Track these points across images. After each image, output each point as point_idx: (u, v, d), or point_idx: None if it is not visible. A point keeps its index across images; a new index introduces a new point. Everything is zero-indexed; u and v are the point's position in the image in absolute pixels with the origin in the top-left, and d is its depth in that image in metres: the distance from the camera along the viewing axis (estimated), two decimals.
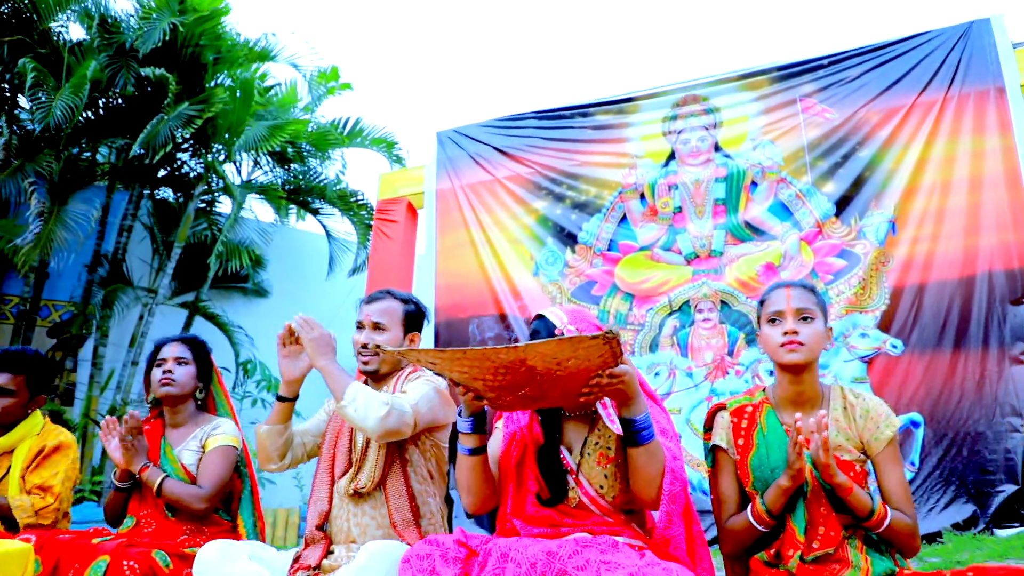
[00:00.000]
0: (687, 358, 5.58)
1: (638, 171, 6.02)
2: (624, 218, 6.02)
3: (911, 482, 4.87)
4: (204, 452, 2.75)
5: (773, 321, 2.02)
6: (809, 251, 5.49)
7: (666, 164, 5.97)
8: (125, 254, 7.35)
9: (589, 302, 5.91)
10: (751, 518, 1.95)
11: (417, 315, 2.71)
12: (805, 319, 1.97)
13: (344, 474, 2.39)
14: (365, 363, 2.53)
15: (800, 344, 1.95)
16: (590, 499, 2.01)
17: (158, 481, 2.57)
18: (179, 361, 2.85)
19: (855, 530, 1.92)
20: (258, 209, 8.78)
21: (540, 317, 2.12)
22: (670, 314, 5.70)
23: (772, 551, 1.96)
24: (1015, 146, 5.17)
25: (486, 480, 2.04)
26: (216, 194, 8.35)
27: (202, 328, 7.89)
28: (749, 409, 2.11)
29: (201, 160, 7.09)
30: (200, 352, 2.94)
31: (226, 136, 6.49)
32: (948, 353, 5.05)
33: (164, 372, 2.81)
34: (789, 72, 5.82)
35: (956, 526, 4.69)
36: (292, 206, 8.90)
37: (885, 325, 5.20)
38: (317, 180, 8.15)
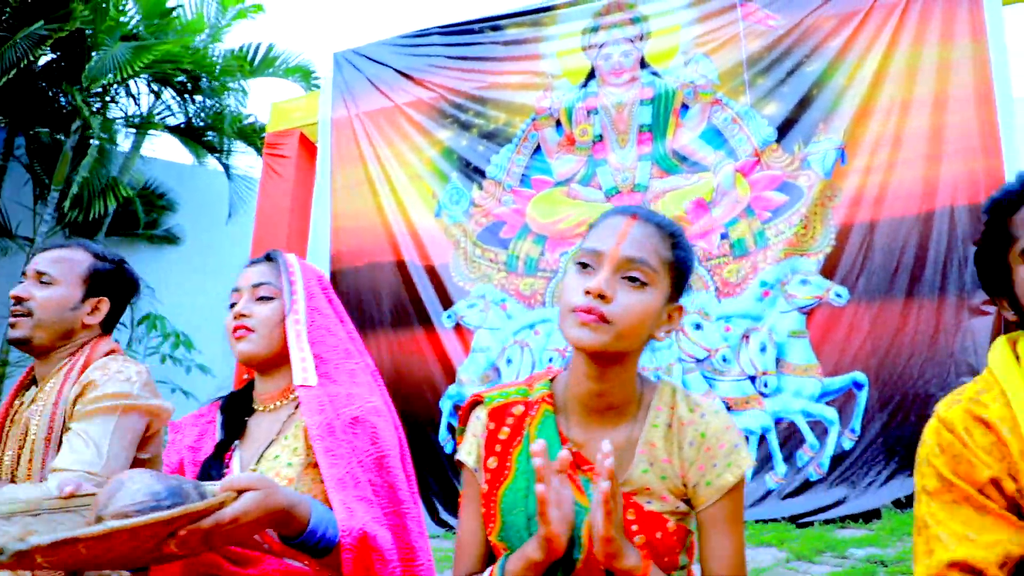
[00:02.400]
0: None
1: (553, 93, 5.18)
2: (538, 148, 5.20)
3: (849, 453, 4.21)
4: None
5: (584, 266, 1.14)
6: (745, 184, 4.70)
7: (585, 84, 5.12)
8: None
9: (496, 245, 5.14)
10: None
11: (112, 276, 1.97)
12: (632, 279, 1.12)
13: None
14: (12, 325, 1.81)
15: (603, 321, 1.09)
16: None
17: None
18: None
19: None
20: (170, 150, 7.92)
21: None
22: None
23: None
24: (988, 55, 4.33)
25: None
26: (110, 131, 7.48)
27: None
28: (519, 410, 1.32)
29: (73, 91, 6.18)
30: None
31: (81, 60, 5.60)
32: (899, 303, 4.33)
33: None
34: None
35: (897, 503, 4.06)
36: (212, 141, 8.03)
37: (829, 270, 4.46)
38: (223, 114, 7.27)
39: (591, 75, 5.11)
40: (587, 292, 1.09)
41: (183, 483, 1.15)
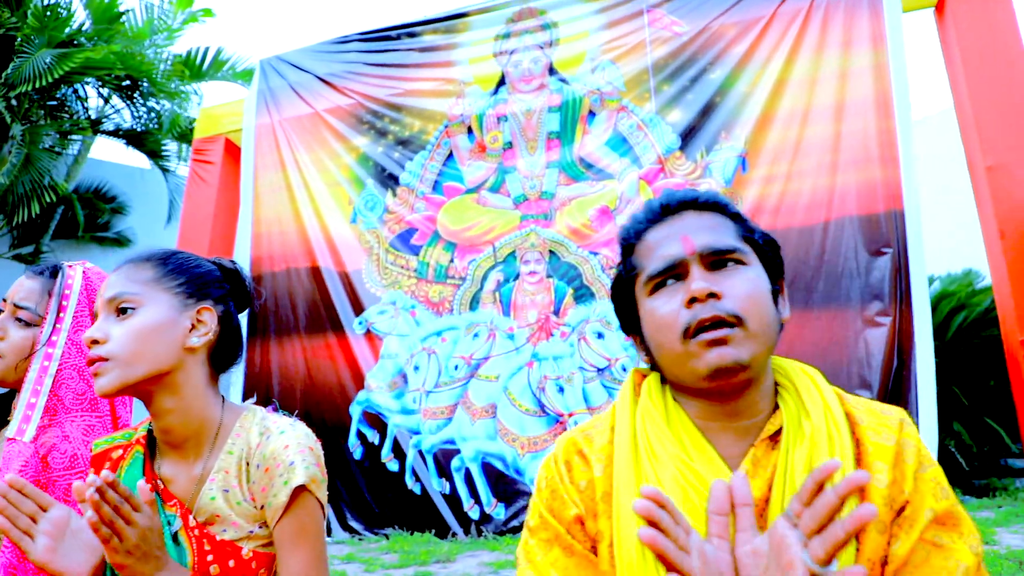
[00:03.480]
0: (509, 317, 4.83)
1: (465, 100, 5.17)
2: (451, 155, 5.20)
3: None
4: None
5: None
6: (649, 192, 4.68)
7: (495, 91, 5.10)
8: None
9: (408, 252, 5.14)
10: None
11: None
12: (123, 311, 1.13)
13: None
14: None
15: (103, 362, 1.10)
16: None
17: None
18: None
19: None
20: (126, 154, 7.97)
21: None
22: (494, 266, 4.93)
23: None
24: (888, 63, 4.30)
25: None
26: (67, 138, 7.55)
27: None
28: (117, 453, 1.32)
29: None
30: None
31: (9, 64, 5.67)
32: (796, 313, 4.28)
33: None
34: None
35: None
36: (156, 144, 8.07)
37: None
38: (167, 118, 7.32)
39: (501, 82, 5.10)
40: (85, 342, 1.11)
41: None
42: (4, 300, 1.57)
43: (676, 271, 0.94)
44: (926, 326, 4.07)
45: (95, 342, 1.11)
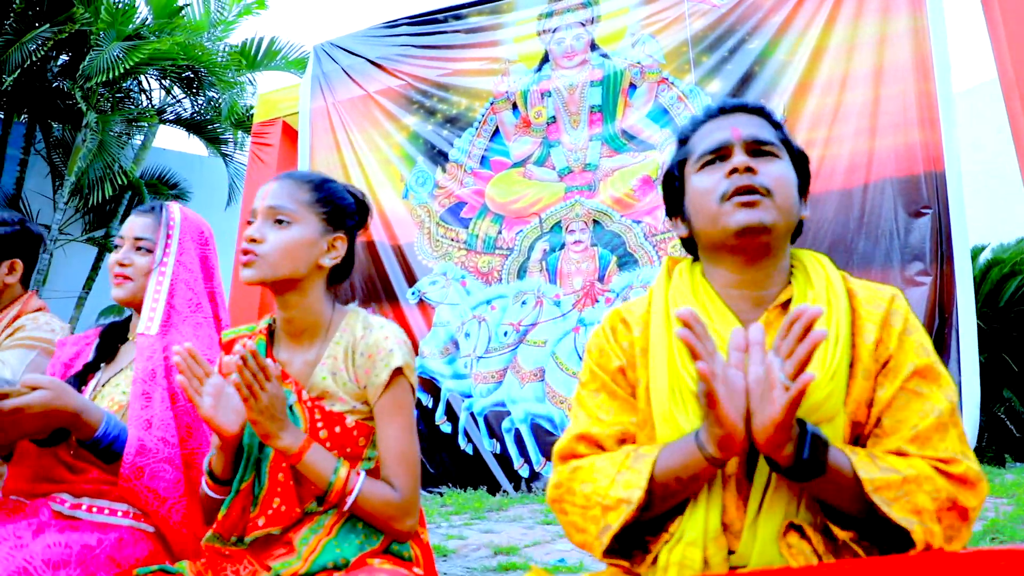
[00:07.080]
0: (556, 285, 5.03)
1: (510, 78, 5.36)
2: (497, 131, 5.40)
3: None
4: None
5: (250, 222, 1.42)
6: None
7: (539, 68, 5.29)
8: (22, 188, 7.09)
9: (458, 225, 5.38)
10: (204, 484, 1.46)
11: (17, 237, 2.25)
12: (279, 221, 1.35)
13: None
14: None
15: (256, 257, 1.33)
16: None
17: None
18: None
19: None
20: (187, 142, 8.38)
21: None
22: (540, 236, 5.13)
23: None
24: (927, 27, 4.35)
25: None
26: (134, 125, 7.99)
27: None
28: (244, 340, 1.58)
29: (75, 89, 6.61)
30: None
31: (85, 58, 6.07)
32: None
33: None
34: None
35: None
36: (214, 133, 8.48)
37: None
38: (225, 106, 7.70)
39: (545, 59, 5.28)
40: (246, 239, 1.34)
41: None
42: (122, 237, 1.85)
43: (722, 152, 1.13)
44: (967, 285, 4.13)
45: (253, 240, 1.34)
